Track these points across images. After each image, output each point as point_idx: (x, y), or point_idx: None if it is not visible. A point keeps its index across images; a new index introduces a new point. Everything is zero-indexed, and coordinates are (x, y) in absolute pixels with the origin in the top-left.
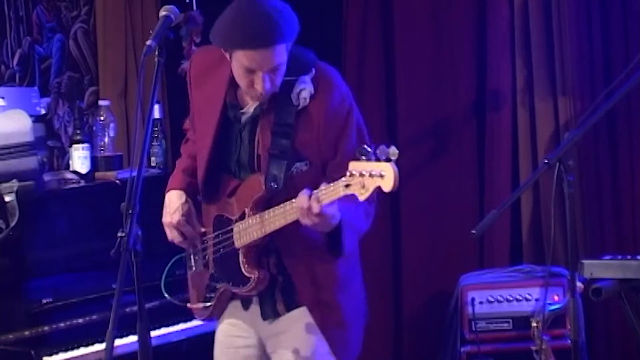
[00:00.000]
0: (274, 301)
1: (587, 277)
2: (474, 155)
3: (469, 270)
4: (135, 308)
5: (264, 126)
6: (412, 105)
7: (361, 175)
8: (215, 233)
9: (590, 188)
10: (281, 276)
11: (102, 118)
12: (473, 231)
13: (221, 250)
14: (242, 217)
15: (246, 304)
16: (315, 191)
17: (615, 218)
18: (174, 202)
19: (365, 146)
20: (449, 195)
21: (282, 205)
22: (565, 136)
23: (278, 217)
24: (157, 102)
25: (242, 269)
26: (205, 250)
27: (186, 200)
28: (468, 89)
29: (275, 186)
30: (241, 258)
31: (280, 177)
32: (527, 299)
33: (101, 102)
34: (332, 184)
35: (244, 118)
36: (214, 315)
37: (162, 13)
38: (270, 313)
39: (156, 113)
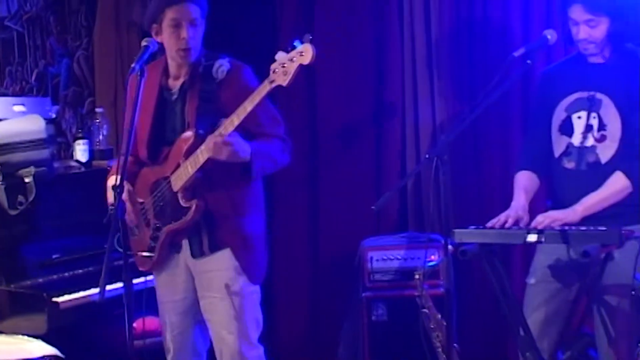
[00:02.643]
0: (200, 241)
1: (456, 242)
2: (373, 149)
3: (369, 236)
4: (121, 262)
5: (192, 96)
6: (328, 112)
7: (283, 66)
8: (153, 194)
9: (460, 175)
10: (205, 216)
11: (97, 121)
12: (373, 207)
13: (161, 203)
14: (176, 168)
15: (177, 248)
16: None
17: (478, 198)
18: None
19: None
20: (355, 180)
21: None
22: (441, 138)
23: (202, 152)
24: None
25: (181, 203)
26: (145, 213)
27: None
28: (370, 101)
29: (202, 132)
30: (179, 196)
31: (207, 128)
32: (411, 258)
33: (97, 109)
34: (255, 91)
35: (174, 97)
36: (155, 267)
37: (143, 43)
38: (198, 252)
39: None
